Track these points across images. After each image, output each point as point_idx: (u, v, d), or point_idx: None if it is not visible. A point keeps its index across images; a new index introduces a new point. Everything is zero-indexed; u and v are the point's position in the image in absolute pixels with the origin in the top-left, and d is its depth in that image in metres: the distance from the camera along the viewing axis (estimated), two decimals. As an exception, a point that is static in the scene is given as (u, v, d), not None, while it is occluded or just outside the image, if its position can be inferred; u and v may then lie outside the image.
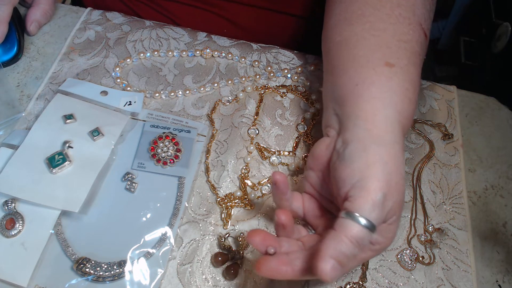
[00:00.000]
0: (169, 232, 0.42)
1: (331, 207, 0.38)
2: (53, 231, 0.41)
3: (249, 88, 0.52)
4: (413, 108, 0.37)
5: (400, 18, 0.39)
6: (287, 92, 0.53)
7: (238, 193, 0.45)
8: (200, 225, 0.43)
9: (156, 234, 0.42)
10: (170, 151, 0.46)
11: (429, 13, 0.42)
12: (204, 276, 0.41)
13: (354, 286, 0.41)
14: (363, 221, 0.30)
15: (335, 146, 0.37)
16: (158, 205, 0.43)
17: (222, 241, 0.42)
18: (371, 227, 0.31)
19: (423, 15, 0.40)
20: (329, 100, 0.40)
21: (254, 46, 0.56)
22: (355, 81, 0.37)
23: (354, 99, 0.37)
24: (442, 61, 1.11)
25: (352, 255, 0.30)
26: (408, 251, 0.43)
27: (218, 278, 0.41)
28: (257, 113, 0.51)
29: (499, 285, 0.43)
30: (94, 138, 0.45)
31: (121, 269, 0.39)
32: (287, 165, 0.47)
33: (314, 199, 0.39)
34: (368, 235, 0.31)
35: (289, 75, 0.54)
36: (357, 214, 0.31)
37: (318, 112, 0.51)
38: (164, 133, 0.47)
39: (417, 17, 0.40)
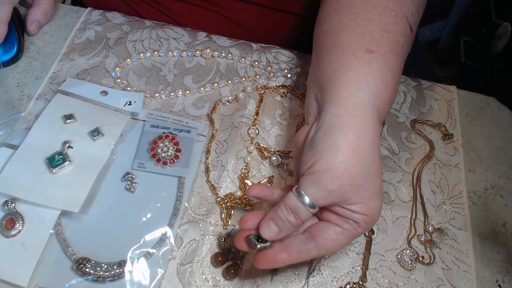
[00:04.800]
0: (169, 232, 0.42)
1: None
2: (53, 231, 0.41)
3: (249, 88, 0.52)
4: (391, 94, 0.38)
5: (386, 10, 0.40)
6: (287, 92, 0.53)
7: (238, 193, 0.45)
8: (200, 225, 0.43)
9: (156, 234, 0.42)
10: (170, 151, 0.46)
11: (417, 9, 0.43)
12: (204, 276, 0.41)
13: (354, 286, 0.41)
14: (306, 199, 0.35)
15: (308, 133, 0.38)
16: (158, 205, 0.43)
17: (222, 241, 0.42)
18: (310, 204, 0.35)
19: (410, 9, 0.42)
20: (312, 86, 0.41)
21: (254, 46, 0.56)
22: (335, 66, 0.38)
23: (332, 84, 0.38)
24: (442, 61, 1.11)
25: (286, 219, 0.35)
26: (408, 251, 0.43)
27: (218, 278, 0.41)
28: (257, 113, 0.51)
29: (499, 285, 0.43)
30: (94, 138, 0.45)
31: (121, 269, 0.39)
32: (287, 165, 0.47)
33: None
34: (302, 207, 0.35)
35: (289, 75, 0.54)
36: (298, 190, 0.35)
37: (318, 112, 0.51)
38: (164, 133, 0.47)
39: (403, 11, 0.41)
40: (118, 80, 0.51)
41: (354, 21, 0.40)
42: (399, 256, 0.43)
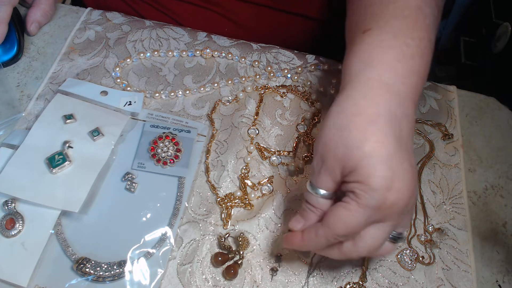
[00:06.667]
0: (169, 232, 0.42)
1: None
2: (53, 231, 0.41)
3: (249, 88, 0.52)
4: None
5: None
6: (287, 92, 0.53)
7: (238, 193, 0.45)
8: (200, 225, 0.43)
9: (156, 234, 0.42)
10: (170, 151, 0.46)
11: None
12: (204, 276, 0.41)
13: (354, 286, 0.41)
14: (308, 183, 0.37)
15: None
16: (158, 205, 0.43)
17: (222, 241, 0.42)
18: (311, 186, 0.36)
19: None
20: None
21: (254, 46, 0.56)
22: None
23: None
24: (442, 61, 1.11)
25: (305, 207, 0.37)
26: (408, 251, 0.43)
27: (218, 278, 0.41)
28: (257, 113, 0.51)
29: (499, 285, 0.43)
30: (94, 138, 0.45)
31: (121, 269, 0.39)
32: (287, 165, 0.47)
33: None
34: (309, 193, 0.37)
35: (289, 75, 0.54)
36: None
37: (318, 112, 0.51)
38: (164, 133, 0.47)
39: None
40: (118, 80, 0.51)
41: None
42: (399, 256, 0.43)
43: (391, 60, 0.36)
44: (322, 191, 0.36)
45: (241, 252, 0.41)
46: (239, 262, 0.41)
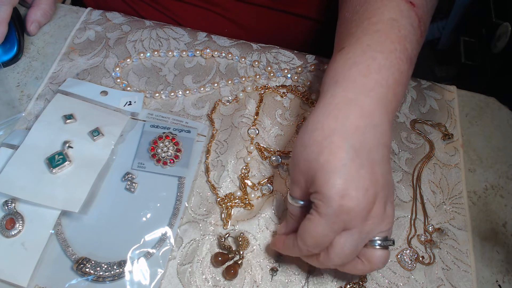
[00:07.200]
0: (169, 232, 0.42)
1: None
2: (53, 231, 0.41)
3: (249, 88, 0.52)
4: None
5: None
6: (287, 92, 0.53)
7: (238, 193, 0.45)
8: (200, 225, 0.43)
9: (156, 234, 0.42)
10: (170, 151, 0.46)
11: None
12: (204, 276, 0.41)
13: (354, 286, 0.41)
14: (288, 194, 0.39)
15: None
16: (158, 205, 0.43)
17: (222, 241, 0.42)
18: (290, 196, 0.39)
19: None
20: None
21: (254, 46, 0.56)
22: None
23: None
24: (442, 61, 1.11)
25: (287, 216, 0.40)
26: (408, 251, 0.43)
27: (218, 278, 0.41)
28: (257, 113, 0.51)
29: (499, 285, 0.43)
30: (94, 138, 0.45)
31: (121, 269, 0.39)
32: (287, 165, 0.47)
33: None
34: (293, 207, 0.39)
35: (289, 75, 0.54)
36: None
37: (318, 112, 0.51)
38: (164, 133, 0.47)
39: None
40: (118, 80, 0.51)
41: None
42: (399, 256, 0.43)
43: (355, 75, 0.37)
44: (295, 200, 0.38)
45: (241, 252, 0.41)
46: (239, 262, 0.41)
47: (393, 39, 0.39)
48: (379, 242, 0.36)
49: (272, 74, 0.53)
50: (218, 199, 0.45)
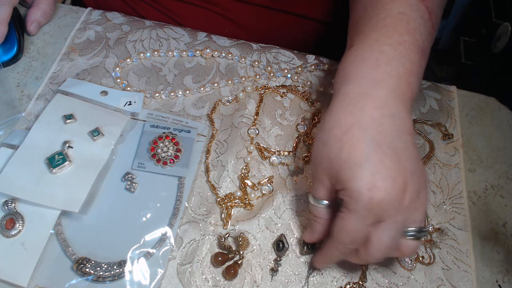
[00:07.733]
0: (169, 232, 0.42)
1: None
2: (53, 231, 0.41)
3: (249, 88, 0.52)
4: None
5: None
6: (287, 92, 0.53)
7: (238, 193, 0.45)
8: (200, 225, 0.43)
9: (156, 234, 0.42)
10: (170, 151, 0.46)
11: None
12: (204, 276, 0.41)
13: (354, 286, 0.41)
14: (310, 195, 0.39)
15: None
16: (158, 205, 0.43)
17: (222, 241, 0.42)
18: (313, 198, 0.39)
19: None
20: None
21: (254, 46, 0.56)
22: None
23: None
24: (442, 61, 1.11)
25: (312, 221, 0.39)
26: (408, 251, 0.43)
27: (218, 278, 0.41)
28: (257, 113, 0.51)
29: (499, 285, 0.43)
30: (94, 138, 0.45)
31: (121, 269, 0.39)
32: (287, 165, 0.47)
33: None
34: (312, 203, 0.39)
35: (289, 75, 0.54)
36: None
37: (318, 112, 0.51)
38: (164, 133, 0.47)
39: None
40: (118, 80, 0.51)
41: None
42: (399, 256, 0.43)
43: (364, 70, 0.38)
44: (318, 201, 0.38)
45: (241, 252, 0.41)
46: (239, 262, 0.41)
47: (402, 31, 0.39)
48: (413, 233, 0.36)
49: (272, 74, 0.53)
50: (218, 199, 0.45)
